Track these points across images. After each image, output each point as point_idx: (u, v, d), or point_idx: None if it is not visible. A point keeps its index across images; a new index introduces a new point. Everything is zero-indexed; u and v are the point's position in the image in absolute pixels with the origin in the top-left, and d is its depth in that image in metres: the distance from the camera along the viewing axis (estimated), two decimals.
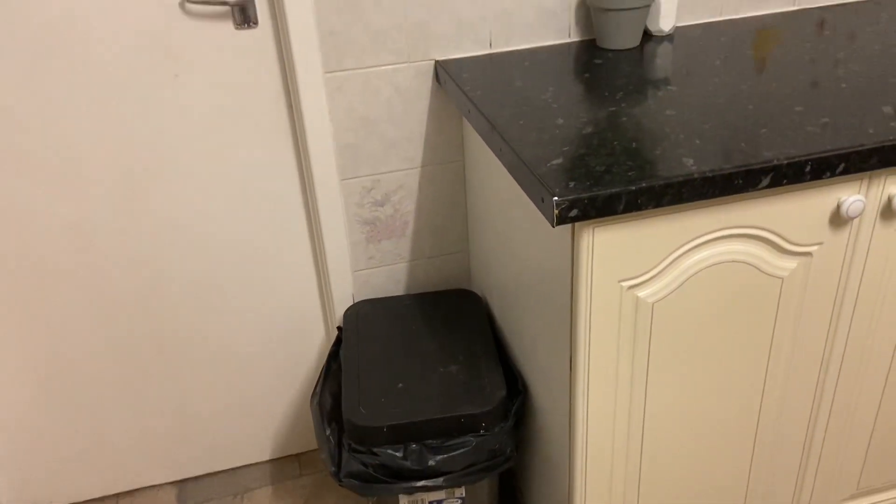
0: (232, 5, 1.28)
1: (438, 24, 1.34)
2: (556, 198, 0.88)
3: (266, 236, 1.50)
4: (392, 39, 1.34)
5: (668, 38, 1.40)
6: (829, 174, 0.94)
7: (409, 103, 1.40)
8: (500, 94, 1.20)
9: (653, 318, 1.02)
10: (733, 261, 1.01)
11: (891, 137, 0.94)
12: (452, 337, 1.41)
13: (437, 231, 1.54)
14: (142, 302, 1.49)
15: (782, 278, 1.04)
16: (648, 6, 1.33)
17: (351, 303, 1.55)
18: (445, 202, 1.52)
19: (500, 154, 1.07)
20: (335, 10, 1.29)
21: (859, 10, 1.46)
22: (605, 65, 1.29)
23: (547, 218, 0.91)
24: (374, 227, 1.50)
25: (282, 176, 1.45)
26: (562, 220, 0.89)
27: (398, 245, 1.54)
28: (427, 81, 1.39)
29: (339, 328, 1.51)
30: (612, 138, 1.01)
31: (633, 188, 0.89)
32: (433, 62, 1.38)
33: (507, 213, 1.23)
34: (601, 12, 1.33)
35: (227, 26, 1.30)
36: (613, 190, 0.89)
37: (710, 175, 0.91)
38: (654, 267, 0.99)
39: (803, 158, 0.92)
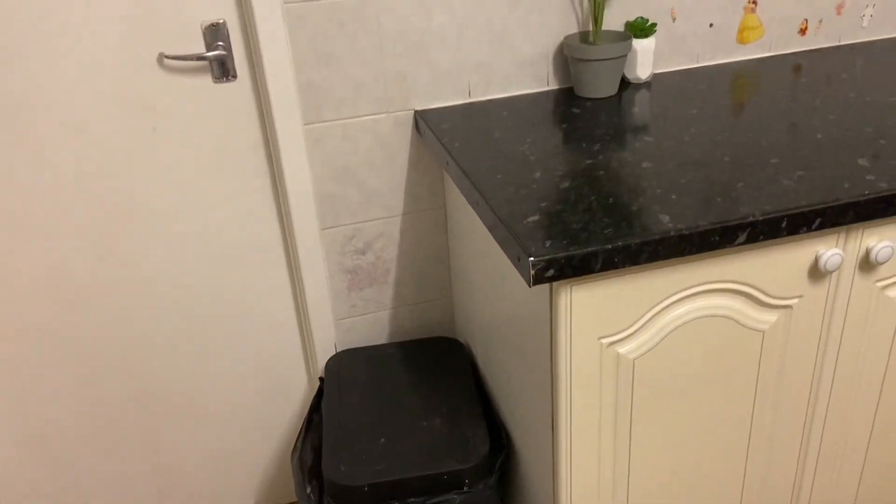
0: (210, 60, 1.28)
1: (417, 75, 1.34)
2: (531, 258, 0.87)
3: (247, 286, 1.48)
4: (371, 90, 1.34)
5: (646, 85, 1.41)
6: (805, 229, 0.94)
7: (390, 152, 1.40)
8: (478, 145, 1.20)
9: (634, 374, 1.01)
10: (713, 315, 1.00)
11: (866, 192, 0.94)
12: (435, 388, 1.39)
13: (419, 278, 1.53)
14: (122, 356, 1.47)
15: (763, 331, 1.03)
16: (625, 56, 1.34)
17: (333, 352, 1.53)
18: (427, 249, 1.51)
19: (477, 208, 1.06)
20: (313, 62, 1.29)
21: (834, 55, 1.48)
22: (583, 114, 1.29)
23: (524, 277, 0.90)
24: (356, 275, 1.49)
25: (262, 226, 1.44)
26: (538, 280, 0.88)
27: (380, 293, 1.52)
28: (407, 130, 1.39)
29: (320, 379, 1.48)
30: (588, 193, 1.01)
31: (610, 247, 0.89)
32: (412, 112, 1.38)
33: (487, 263, 1.23)
34: (578, 62, 1.34)
35: (206, 80, 1.30)
36: (590, 249, 0.88)
37: (687, 232, 0.90)
38: (634, 323, 0.98)
39: (780, 214, 0.92)
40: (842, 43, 1.53)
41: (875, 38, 1.54)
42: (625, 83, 1.42)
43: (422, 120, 1.34)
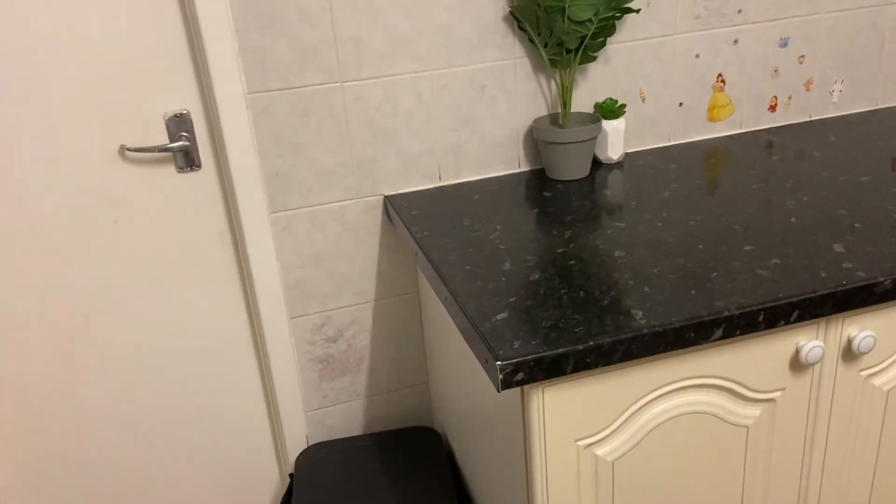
0: (174, 151, 1.25)
1: (386, 161, 1.33)
2: (499, 361, 0.83)
3: (214, 378, 1.42)
4: (339, 177, 1.31)
5: (619, 165, 1.40)
6: (783, 322, 0.90)
7: (359, 238, 1.37)
8: (447, 233, 1.17)
9: (614, 476, 0.95)
10: (694, 412, 0.95)
11: (843, 282, 0.91)
12: (411, 483, 1.32)
13: (394, 365, 1.48)
14: (83, 452, 1.39)
15: (747, 426, 0.98)
16: (595, 138, 1.33)
17: (305, 445, 1.46)
18: (401, 335, 1.47)
19: (446, 303, 1.02)
20: (279, 151, 1.27)
21: (806, 130, 1.48)
22: (555, 197, 1.27)
23: (492, 381, 0.86)
24: (328, 364, 1.43)
25: (229, 316, 1.39)
26: (507, 384, 0.84)
27: (354, 381, 1.47)
28: (377, 216, 1.37)
29: (290, 475, 1.41)
30: (559, 286, 0.97)
31: (581, 347, 0.85)
32: (382, 197, 1.35)
33: (459, 356, 1.18)
34: (548, 145, 1.33)
35: (169, 170, 1.27)
36: (560, 350, 0.84)
37: (660, 329, 0.87)
38: (612, 423, 0.93)
39: (756, 308, 0.89)
40: (813, 118, 1.53)
41: (846, 113, 1.54)
42: (597, 163, 1.41)
43: (391, 206, 1.31)
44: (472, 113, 1.34)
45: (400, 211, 1.28)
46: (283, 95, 1.24)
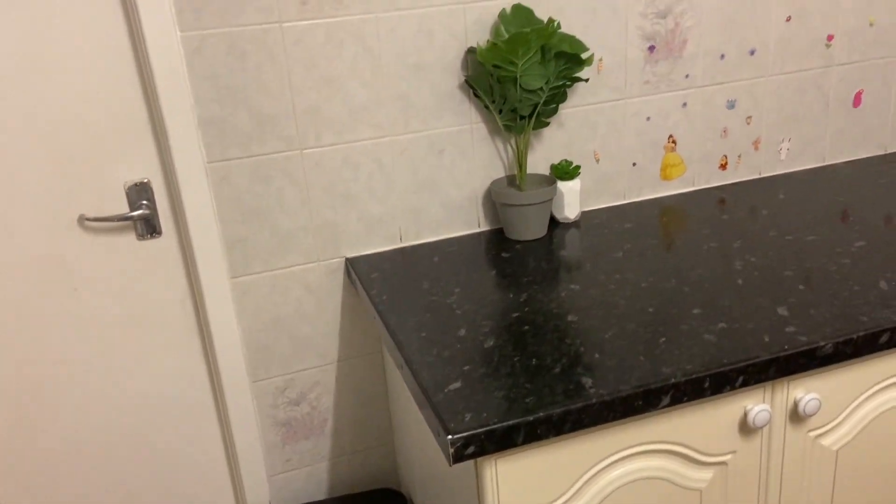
0: (135, 219, 1.26)
1: (347, 223, 1.35)
2: (450, 436, 0.84)
3: (176, 444, 1.40)
4: (300, 241, 1.33)
5: (575, 224, 1.43)
6: (729, 388, 0.92)
7: (321, 301, 1.38)
8: (406, 299, 1.18)
9: None
10: (648, 477, 0.96)
11: (786, 346, 0.94)
12: None
13: (358, 426, 1.48)
14: None
15: (700, 490, 1.00)
16: (551, 199, 1.36)
17: None
18: (365, 395, 1.47)
19: (401, 370, 1.03)
20: (239, 218, 1.28)
21: (755, 187, 1.53)
22: (513, 258, 1.29)
23: (444, 454, 0.86)
24: (290, 427, 1.43)
25: (191, 381, 1.38)
26: (458, 457, 0.84)
27: (317, 444, 1.46)
28: (339, 278, 1.38)
29: None
30: (512, 353, 0.99)
31: (531, 419, 0.86)
32: (343, 259, 1.37)
33: (419, 421, 1.18)
34: (506, 207, 1.36)
35: (129, 238, 1.28)
36: (511, 422, 0.85)
37: (609, 399, 0.88)
38: (566, 492, 0.93)
39: (702, 374, 0.91)
40: (762, 175, 1.58)
41: (794, 170, 1.60)
42: (554, 222, 1.44)
43: (352, 269, 1.33)
44: (432, 176, 1.37)
45: (360, 274, 1.29)
46: (243, 164, 1.26)
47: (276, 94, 1.23)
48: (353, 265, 1.34)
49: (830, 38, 1.51)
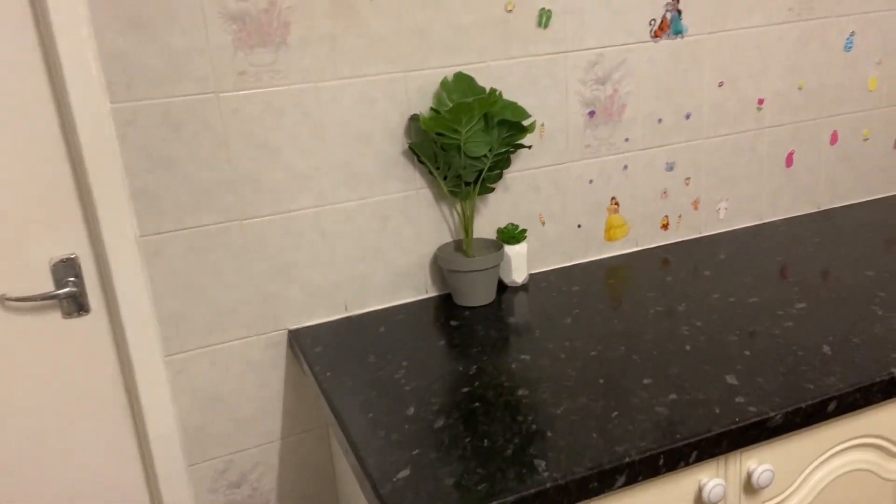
0: (60, 297, 1.19)
1: (289, 294, 1.30)
2: None
3: None
4: (240, 314, 1.28)
5: (524, 288, 1.42)
6: (683, 463, 0.91)
7: (263, 376, 1.32)
8: (352, 374, 1.14)
9: None
10: None
11: (737, 419, 0.93)
12: None
13: None
14: None
15: None
16: (498, 265, 1.35)
17: None
18: (311, 472, 1.40)
19: (347, 455, 0.99)
20: (174, 292, 1.22)
21: (697, 246, 1.55)
22: (462, 327, 1.27)
23: None
24: None
25: (122, 469, 1.29)
26: None
27: None
28: (281, 351, 1.32)
29: None
30: (463, 433, 0.95)
31: None
32: (286, 331, 1.32)
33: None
34: (453, 273, 1.34)
35: (55, 317, 1.20)
36: None
37: (563, 482, 0.85)
38: None
39: (656, 451, 0.89)
40: (703, 234, 1.61)
41: (732, 229, 1.63)
42: (503, 286, 1.43)
43: (295, 342, 1.28)
44: (377, 243, 1.34)
45: (304, 348, 1.25)
46: (179, 237, 1.20)
47: (213, 164, 1.20)
48: (296, 338, 1.29)
49: (761, 101, 1.57)
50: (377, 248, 1.35)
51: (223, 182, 1.21)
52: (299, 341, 1.27)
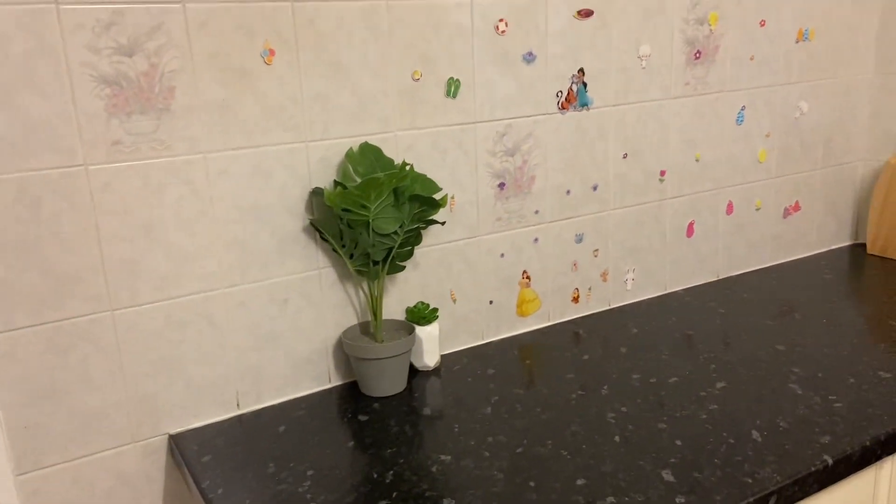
0: None
1: (170, 393, 1.13)
2: None
3: None
4: (110, 419, 1.09)
5: (436, 372, 1.31)
6: None
7: (138, 491, 1.12)
8: (247, 490, 0.98)
9: None
10: None
11: None
12: None
13: None
14: None
15: None
16: (410, 349, 1.24)
17: None
18: None
19: None
20: (28, 400, 1.02)
21: (607, 319, 1.51)
22: (372, 422, 1.14)
23: None
24: None
25: None
26: None
27: None
28: (160, 460, 1.14)
29: None
30: None
31: None
32: (166, 436, 1.14)
33: None
34: (360, 361, 1.22)
35: None
36: None
37: None
38: None
39: None
40: (612, 306, 1.58)
41: (640, 299, 1.62)
42: (413, 369, 1.32)
43: (177, 449, 1.10)
44: (274, 329, 1.20)
45: (188, 457, 1.07)
46: (36, 333, 1.01)
47: (79, 247, 1.02)
48: (178, 443, 1.11)
49: (663, 173, 1.58)
50: (274, 335, 1.20)
51: (92, 267, 1.04)
52: (182, 448, 1.10)
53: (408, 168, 1.20)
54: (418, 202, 1.18)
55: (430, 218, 1.22)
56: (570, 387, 1.23)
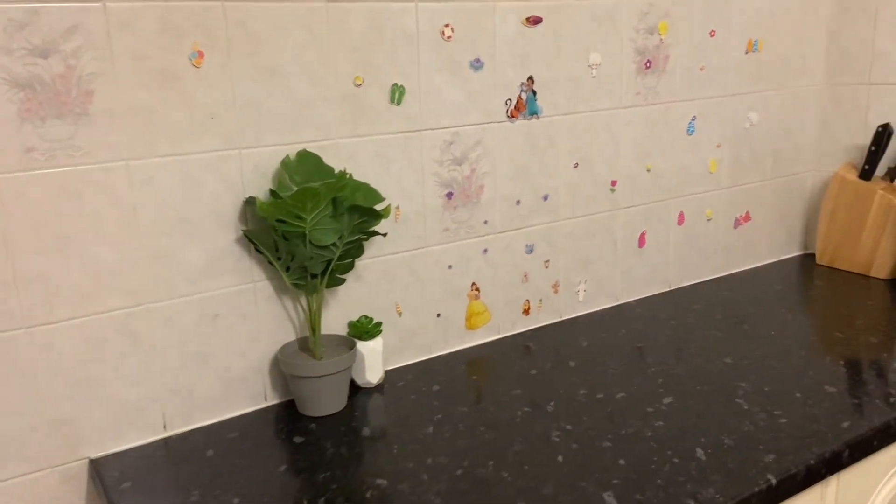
0: None
1: (91, 415, 1.06)
2: None
3: None
4: (24, 444, 1.02)
5: (379, 389, 1.27)
6: None
7: None
8: None
9: None
10: None
11: None
12: None
13: None
14: None
15: None
16: (351, 366, 1.19)
17: None
18: None
19: None
20: None
21: (558, 331, 1.48)
22: (308, 444, 1.09)
23: None
24: None
25: None
26: None
27: None
28: (80, 486, 1.07)
29: None
30: None
31: None
32: (87, 461, 1.07)
33: None
34: (298, 379, 1.16)
35: None
36: None
37: None
38: None
39: None
40: (563, 318, 1.55)
41: (592, 311, 1.59)
42: (354, 386, 1.27)
43: (97, 475, 1.03)
44: (205, 347, 1.14)
45: (107, 484, 1.00)
46: None
47: None
48: (98, 469, 1.04)
49: (614, 183, 1.56)
50: (204, 353, 1.14)
51: (3, 283, 0.97)
52: (102, 474, 1.03)
53: (348, 177, 1.16)
54: (358, 213, 1.13)
55: (372, 229, 1.17)
56: (516, 404, 1.19)
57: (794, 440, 1.04)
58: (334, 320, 1.27)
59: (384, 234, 1.21)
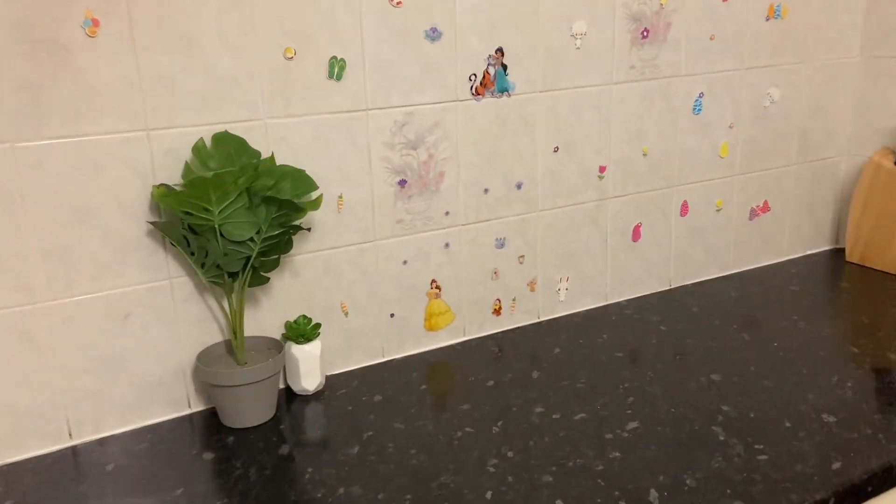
0: None
1: None
2: None
3: None
4: None
5: (317, 397, 1.14)
6: None
7: None
8: None
9: None
10: None
11: None
12: None
13: None
14: None
15: None
16: (277, 374, 1.07)
17: None
18: None
19: None
20: None
21: (534, 334, 1.33)
22: (215, 462, 0.97)
23: None
24: None
25: None
26: None
27: None
28: None
29: None
30: None
31: None
32: None
33: None
34: (217, 389, 1.05)
35: None
36: None
37: None
38: None
39: None
40: (541, 319, 1.40)
41: (574, 311, 1.43)
42: (290, 393, 1.15)
43: None
44: (113, 349, 1.04)
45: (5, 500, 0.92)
46: None
47: None
48: None
49: (603, 169, 1.38)
50: (113, 355, 1.04)
51: None
52: None
53: (265, 161, 1.02)
54: (276, 205, 1.00)
55: (294, 224, 1.04)
56: (460, 422, 1.05)
57: (768, 484, 0.87)
58: (270, 320, 1.15)
59: (308, 229, 1.08)
